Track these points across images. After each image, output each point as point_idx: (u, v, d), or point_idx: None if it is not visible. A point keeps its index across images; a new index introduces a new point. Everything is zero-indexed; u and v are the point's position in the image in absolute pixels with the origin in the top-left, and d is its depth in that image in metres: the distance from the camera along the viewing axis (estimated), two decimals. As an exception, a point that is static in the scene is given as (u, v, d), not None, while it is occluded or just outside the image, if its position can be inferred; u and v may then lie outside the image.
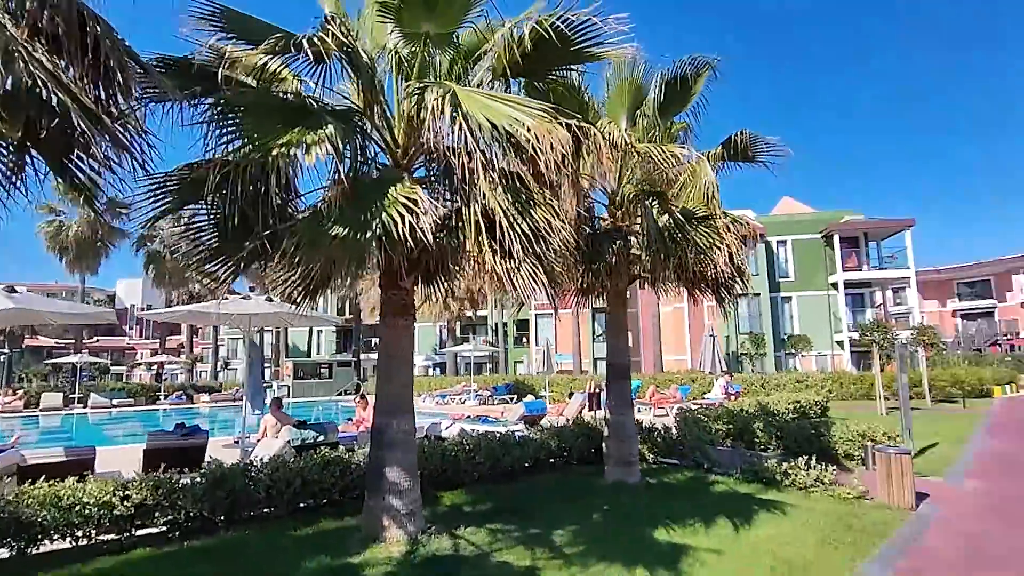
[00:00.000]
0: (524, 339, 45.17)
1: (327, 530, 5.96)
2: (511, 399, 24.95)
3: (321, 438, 8.42)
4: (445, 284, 6.63)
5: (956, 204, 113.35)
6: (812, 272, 31.88)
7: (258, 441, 8.94)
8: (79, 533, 5.29)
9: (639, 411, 15.72)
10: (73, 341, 37.95)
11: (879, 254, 32.89)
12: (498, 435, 8.88)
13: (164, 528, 5.72)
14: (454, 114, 4.16)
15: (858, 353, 29.83)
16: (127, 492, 5.49)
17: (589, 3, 4.80)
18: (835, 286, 31.08)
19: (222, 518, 5.94)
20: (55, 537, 5.17)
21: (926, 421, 15.56)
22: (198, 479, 5.95)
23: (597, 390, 19.15)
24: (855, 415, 13.63)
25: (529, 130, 4.28)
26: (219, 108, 4.30)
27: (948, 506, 7.17)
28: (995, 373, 25.74)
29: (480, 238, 4.48)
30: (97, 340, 57.88)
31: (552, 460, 9.12)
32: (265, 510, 6.30)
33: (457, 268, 6.02)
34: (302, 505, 6.58)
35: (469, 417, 13.13)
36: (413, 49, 5.42)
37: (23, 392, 26.86)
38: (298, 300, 6.14)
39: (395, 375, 5.69)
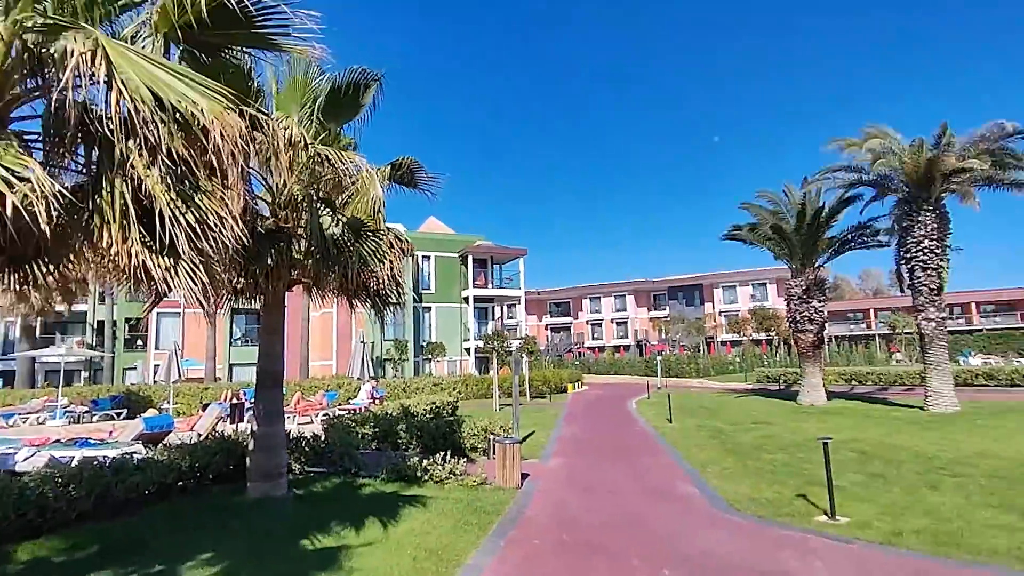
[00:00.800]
0: (139, 341, 37.83)
1: None
2: (118, 415, 20.56)
3: None
4: (50, 273, 5.18)
5: (555, 236, 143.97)
6: (449, 286, 35.99)
7: None
8: None
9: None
10: None
11: (500, 275, 39.34)
12: (108, 460, 7.33)
13: None
14: (109, 78, 3.35)
15: (480, 358, 34.89)
16: None
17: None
18: (467, 300, 35.80)
19: None
20: None
21: (526, 414, 19.26)
22: None
23: (235, 400, 17.53)
24: (477, 412, 15.89)
25: (203, 112, 3.79)
26: None
27: (542, 481, 9.06)
28: (570, 374, 33.56)
29: (127, 225, 3.69)
30: None
31: (182, 483, 7.95)
32: None
33: (73, 257, 4.79)
34: None
35: (60, 442, 10.32)
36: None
37: None
38: None
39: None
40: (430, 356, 33.29)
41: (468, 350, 35.19)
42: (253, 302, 8.20)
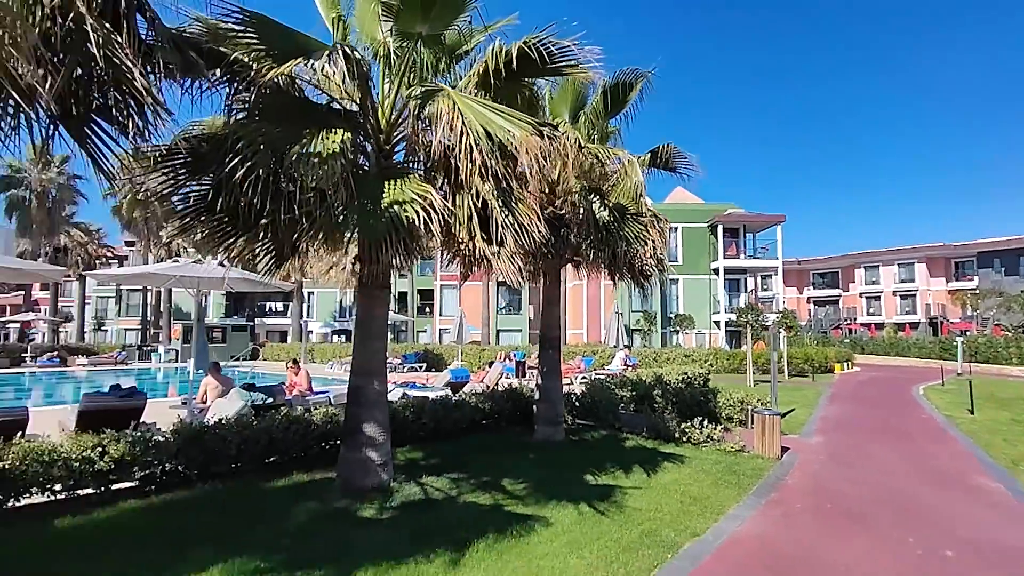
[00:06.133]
0: (428, 309, 45.67)
1: (302, 482, 6.52)
2: (420, 367, 25.63)
3: (271, 400, 8.75)
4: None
5: (822, 201, 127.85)
6: (698, 257, 35.23)
7: (201, 402, 9.06)
8: (58, 487, 5.45)
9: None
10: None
11: (754, 245, 36.97)
12: (437, 399, 9.69)
13: (138, 483, 6.01)
14: (462, 125, 4.82)
15: (730, 332, 33.65)
16: (105, 448, 5.70)
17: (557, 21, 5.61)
18: (716, 271, 34.64)
19: (196, 472, 6.29)
20: (33, 491, 5.32)
21: (785, 391, 18.37)
22: (169, 436, 6.24)
23: (507, 360, 20.43)
24: (730, 386, 15.84)
25: (515, 138, 5.07)
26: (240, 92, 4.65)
27: (803, 455, 9.04)
28: (837, 352, 30.27)
29: (472, 226, 5.22)
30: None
31: (484, 422, 10.08)
32: (234, 466, 6.70)
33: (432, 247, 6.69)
34: (267, 461, 7.03)
35: (396, 383, 13.74)
36: (403, 45, 5.94)
37: None
38: (266, 268, 6.55)
39: (372, 340, 6.31)
40: (677, 328, 33.33)
41: (717, 323, 34.20)
42: (535, 279, 9.81)
